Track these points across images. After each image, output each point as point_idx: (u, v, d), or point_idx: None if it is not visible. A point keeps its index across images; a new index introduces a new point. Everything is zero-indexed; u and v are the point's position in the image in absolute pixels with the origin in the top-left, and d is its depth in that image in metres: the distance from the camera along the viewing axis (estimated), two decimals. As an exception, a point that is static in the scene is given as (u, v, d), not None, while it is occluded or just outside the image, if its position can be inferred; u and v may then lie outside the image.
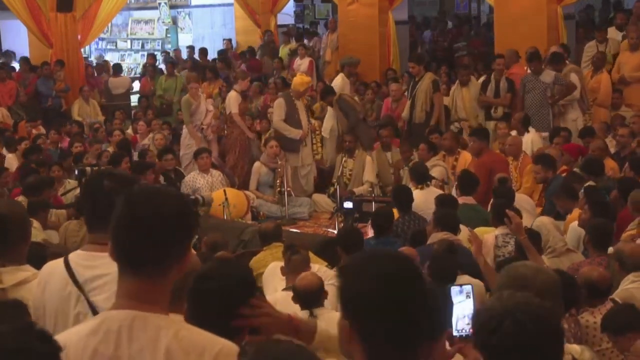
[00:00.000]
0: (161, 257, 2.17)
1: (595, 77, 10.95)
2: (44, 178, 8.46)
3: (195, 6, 20.56)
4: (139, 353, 2.12)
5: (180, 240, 2.22)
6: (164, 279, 2.20)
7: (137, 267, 2.17)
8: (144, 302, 2.17)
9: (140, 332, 2.13)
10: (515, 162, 9.02)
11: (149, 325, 2.14)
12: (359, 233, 6.49)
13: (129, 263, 2.20)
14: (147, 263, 2.17)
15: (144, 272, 2.18)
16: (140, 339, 2.13)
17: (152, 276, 2.18)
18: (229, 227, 7.91)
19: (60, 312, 2.97)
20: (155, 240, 2.16)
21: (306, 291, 4.81)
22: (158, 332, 2.13)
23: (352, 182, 10.13)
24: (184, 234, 2.23)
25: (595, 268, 5.03)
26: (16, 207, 3.68)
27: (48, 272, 3.07)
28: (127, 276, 2.20)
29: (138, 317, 2.15)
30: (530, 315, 2.09)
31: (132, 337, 2.13)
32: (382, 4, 14.48)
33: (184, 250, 2.23)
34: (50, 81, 14.81)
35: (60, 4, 15.28)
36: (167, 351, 2.11)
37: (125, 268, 2.20)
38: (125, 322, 2.15)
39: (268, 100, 13.40)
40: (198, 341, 2.15)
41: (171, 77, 15.35)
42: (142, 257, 2.17)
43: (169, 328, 2.14)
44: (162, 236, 2.16)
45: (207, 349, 2.13)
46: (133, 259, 2.18)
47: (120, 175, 3.12)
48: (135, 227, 2.17)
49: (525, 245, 5.22)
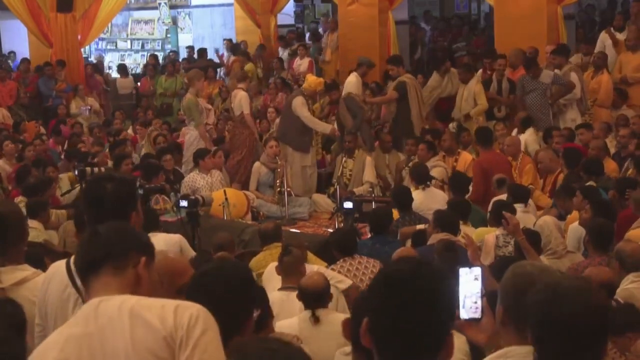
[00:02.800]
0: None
1: (596, 77, 10.95)
2: (43, 178, 8.46)
3: (195, 6, 20.56)
4: (108, 323, 2.27)
5: None
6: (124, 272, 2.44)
7: None
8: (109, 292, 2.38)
9: (106, 305, 2.31)
10: (514, 162, 9.02)
11: (114, 300, 2.32)
12: (353, 235, 6.53)
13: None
14: None
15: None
16: (107, 310, 2.29)
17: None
18: (229, 227, 7.90)
19: (59, 314, 2.98)
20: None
21: (311, 291, 4.82)
22: (122, 301, 2.31)
23: (352, 182, 10.12)
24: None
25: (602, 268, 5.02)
26: (14, 207, 3.71)
27: (52, 273, 3.11)
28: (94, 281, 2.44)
29: (104, 299, 2.33)
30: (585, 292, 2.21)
31: (98, 314, 2.30)
32: (382, 4, 14.48)
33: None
34: (51, 81, 14.82)
35: (60, 4, 15.28)
36: (130, 311, 2.26)
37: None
38: (92, 305, 2.33)
39: (268, 100, 13.40)
40: (158, 300, 2.33)
41: (171, 77, 15.36)
42: None
43: (131, 298, 2.33)
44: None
45: (167, 304, 2.29)
46: None
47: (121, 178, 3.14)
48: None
49: (523, 245, 5.24)
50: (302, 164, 10.47)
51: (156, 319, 2.24)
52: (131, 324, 2.24)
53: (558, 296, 2.18)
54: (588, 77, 11.00)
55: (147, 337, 2.22)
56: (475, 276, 2.56)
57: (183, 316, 2.24)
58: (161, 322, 2.24)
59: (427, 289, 1.97)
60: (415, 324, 1.95)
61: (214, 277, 2.69)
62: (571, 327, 2.15)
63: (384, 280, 2.02)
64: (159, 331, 2.22)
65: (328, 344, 4.51)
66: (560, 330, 2.16)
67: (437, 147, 9.68)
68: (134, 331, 2.23)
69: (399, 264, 2.06)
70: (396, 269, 2.03)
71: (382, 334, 1.98)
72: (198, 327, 2.23)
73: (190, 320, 2.24)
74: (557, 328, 2.16)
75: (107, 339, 2.25)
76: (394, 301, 1.96)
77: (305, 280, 4.91)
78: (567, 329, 2.15)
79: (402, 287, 1.97)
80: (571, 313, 2.15)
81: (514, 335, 2.53)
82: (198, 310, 2.27)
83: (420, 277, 1.98)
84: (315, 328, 4.74)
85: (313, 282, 4.86)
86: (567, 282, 2.26)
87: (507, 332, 2.55)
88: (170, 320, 2.24)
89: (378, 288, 2.02)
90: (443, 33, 18.12)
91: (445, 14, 20.40)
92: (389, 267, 2.08)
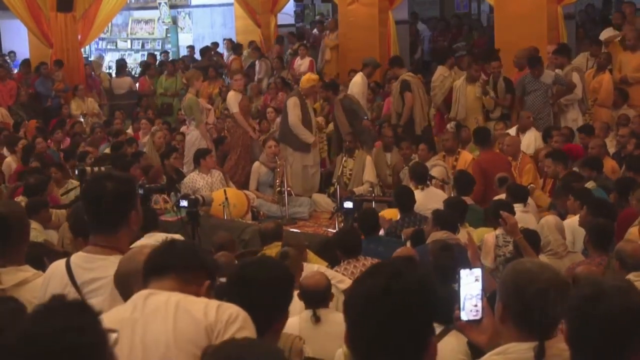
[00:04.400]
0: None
1: (598, 77, 10.94)
2: (43, 178, 8.46)
3: (195, 6, 20.57)
4: (153, 312, 2.42)
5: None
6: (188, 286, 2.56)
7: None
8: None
9: (155, 297, 2.47)
10: (514, 162, 9.02)
11: (162, 294, 2.47)
12: (357, 235, 6.47)
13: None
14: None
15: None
16: (155, 301, 2.45)
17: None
18: (229, 227, 7.90)
19: (59, 313, 2.98)
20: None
21: (313, 291, 4.81)
22: (169, 295, 2.46)
23: (352, 182, 10.11)
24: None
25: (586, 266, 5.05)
26: (15, 207, 3.70)
27: (51, 272, 3.11)
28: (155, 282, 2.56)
29: (153, 292, 2.50)
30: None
31: (147, 303, 2.45)
32: (382, 4, 14.48)
33: None
34: (48, 81, 14.81)
35: (60, 4, 15.27)
36: (177, 304, 2.42)
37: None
38: (142, 295, 2.49)
39: (268, 100, 13.39)
40: (202, 299, 2.48)
41: (171, 77, 15.36)
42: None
43: (178, 295, 2.47)
44: None
45: (210, 302, 2.46)
46: None
47: (121, 177, 3.13)
48: None
49: (521, 245, 5.24)
50: (304, 164, 10.47)
51: (200, 312, 2.41)
52: (175, 316, 2.39)
53: (600, 295, 2.17)
54: (589, 76, 10.99)
55: (189, 329, 2.37)
56: (476, 277, 2.57)
57: (224, 313, 2.42)
58: (204, 315, 2.40)
59: (400, 304, 1.95)
60: (392, 337, 1.95)
61: (256, 269, 2.73)
62: (612, 326, 2.14)
63: (357, 297, 2.01)
64: (201, 321, 2.38)
65: (329, 344, 4.51)
66: (601, 329, 2.15)
67: (436, 146, 9.70)
68: (177, 322, 2.38)
69: (372, 278, 2.01)
70: (368, 286, 2.00)
71: (359, 344, 1.99)
72: (236, 324, 2.39)
73: (230, 318, 2.40)
74: (598, 327, 2.15)
75: (150, 327, 2.39)
76: (368, 318, 1.96)
77: (307, 280, 4.90)
78: (608, 328, 2.15)
79: (375, 304, 1.95)
80: (613, 312, 2.14)
81: (513, 332, 2.53)
82: (238, 311, 2.44)
83: (392, 293, 1.95)
84: (316, 328, 4.73)
85: (314, 282, 4.85)
86: (609, 281, 2.26)
87: (506, 329, 2.55)
88: (213, 314, 2.40)
89: (352, 302, 2.02)
90: (443, 33, 18.10)
91: (445, 14, 20.39)
92: (361, 283, 2.04)
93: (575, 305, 2.21)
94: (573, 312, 2.21)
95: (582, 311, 2.18)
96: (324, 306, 4.84)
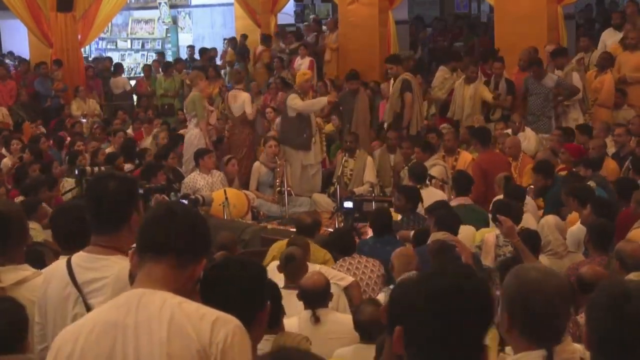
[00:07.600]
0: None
1: (599, 77, 10.94)
2: (40, 178, 8.45)
3: (195, 6, 20.57)
4: (146, 321, 2.29)
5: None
6: (185, 269, 2.39)
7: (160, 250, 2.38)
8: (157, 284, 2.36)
9: (149, 303, 2.31)
10: (514, 163, 9.03)
11: (157, 297, 2.32)
12: (350, 234, 6.53)
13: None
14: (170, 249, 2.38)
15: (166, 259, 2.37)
16: (149, 308, 2.30)
17: (176, 265, 2.37)
18: (229, 227, 7.90)
19: (59, 312, 2.99)
20: None
21: (312, 291, 4.81)
22: (164, 302, 2.31)
23: (352, 182, 10.11)
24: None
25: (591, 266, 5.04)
26: (15, 206, 3.71)
27: (52, 271, 3.11)
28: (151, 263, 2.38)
29: (147, 292, 2.33)
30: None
31: (139, 307, 2.31)
32: (382, 4, 14.47)
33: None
34: (47, 81, 14.81)
35: (60, 4, 15.29)
36: (171, 317, 2.28)
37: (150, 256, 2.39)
38: (135, 296, 2.33)
39: (268, 100, 13.39)
40: (198, 309, 2.33)
41: (169, 77, 15.36)
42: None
43: (173, 298, 2.32)
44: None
45: (206, 316, 2.30)
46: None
47: (123, 177, 3.14)
48: None
49: (518, 247, 5.24)
50: (304, 163, 10.46)
51: (193, 330, 2.27)
52: (169, 332, 2.27)
53: (629, 295, 2.14)
54: (591, 76, 10.99)
55: (183, 352, 2.26)
56: None
57: (219, 333, 2.29)
58: (197, 335, 2.27)
59: (471, 303, 1.96)
60: (458, 336, 1.95)
61: (223, 269, 2.69)
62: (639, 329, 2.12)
63: (426, 295, 1.99)
64: (194, 343, 2.26)
65: (328, 344, 4.51)
66: (631, 329, 2.12)
67: (435, 146, 9.69)
68: (171, 342, 2.26)
69: (441, 277, 2.02)
70: (439, 284, 2.00)
71: (420, 342, 1.97)
72: (233, 349, 2.28)
73: (227, 340, 2.28)
74: (629, 326, 2.12)
75: (143, 340, 2.28)
76: (438, 317, 1.95)
77: (306, 281, 4.90)
78: (635, 330, 2.12)
79: (446, 303, 1.95)
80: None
81: (521, 342, 2.50)
82: (234, 328, 2.31)
83: (464, 292, 1.97)
84: (316, 328, 4.74)
85: (313, 282, 4.85)
86: (634, 284, 2.24)
87: (514, 339, 2.53)
88: (207, 335, 2.27)
89: (419, 301, 1.99)
90: (443, 33, 18.10)
91: (445, 14, 20.40)
92: (429, 280, 2.03)
93: (603, 306, 2.17)
94: (601, 313, 2.16)
95: (611, 312, 2.14)
96: (323, 306, 4.85)
